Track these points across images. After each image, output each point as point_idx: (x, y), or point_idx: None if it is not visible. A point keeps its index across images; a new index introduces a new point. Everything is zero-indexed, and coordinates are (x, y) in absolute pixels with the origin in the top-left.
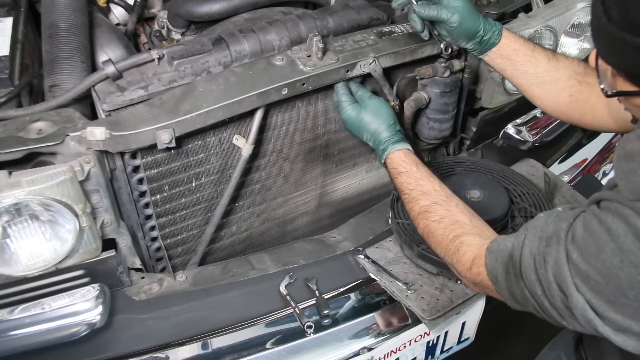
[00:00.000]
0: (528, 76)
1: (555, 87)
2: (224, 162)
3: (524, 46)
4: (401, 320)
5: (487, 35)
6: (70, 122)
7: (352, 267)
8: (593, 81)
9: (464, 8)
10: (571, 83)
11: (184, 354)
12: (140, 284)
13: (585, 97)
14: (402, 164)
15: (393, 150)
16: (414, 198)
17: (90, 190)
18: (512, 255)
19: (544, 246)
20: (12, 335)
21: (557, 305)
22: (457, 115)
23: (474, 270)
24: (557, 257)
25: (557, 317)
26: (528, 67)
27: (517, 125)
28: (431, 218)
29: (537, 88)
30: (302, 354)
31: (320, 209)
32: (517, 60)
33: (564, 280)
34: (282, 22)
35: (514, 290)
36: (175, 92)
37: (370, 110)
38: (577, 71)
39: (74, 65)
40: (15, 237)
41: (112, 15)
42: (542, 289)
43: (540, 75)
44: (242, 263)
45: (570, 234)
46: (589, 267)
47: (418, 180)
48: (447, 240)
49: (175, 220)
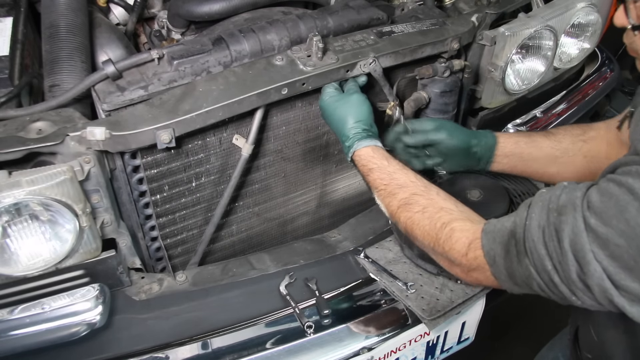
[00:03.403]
0: (539, 161)
1: (567, 157)
2: (224, 162)
3: (520, 137)
4: (401, 320)
5: (482, 141)
6: (70, 122)
7: (352, 267)
8: (595, 134)
9: (446, 124)
10: (579, 146)
11: (184, 354)
12: (140, 284)
13: (597, 151)
14: (371, 160)
15: (359, 147)
16: (390, 192)
17: (90, 190)
18: (514, 232)
19: (556, 216)
20: (12, 335)
21: (571, 277)
22: (457, 115)
23: (470, 255)
24: (574, 225)
25: (566, 293)
26: (535, 153)
27: (517, 125)
28: (413, 209)
29: (553, 166)
30: (302, 354)
31: (320, 209)
32: (522, 152)
33: (582, 248)
34: (282, 22)
35: (514, 271)
36: (175, 92)
37: (347, 102)
38: (576, 133)
39: (74, 65)
40: (15, 237)
41: (112, 15)
42: (552, 263)
43: (549, 154)
44: (242, 263)
45: (586, 201)
46: (609, 229)
47: (391, 174)
48: (436, 228)
49: (175, 220)
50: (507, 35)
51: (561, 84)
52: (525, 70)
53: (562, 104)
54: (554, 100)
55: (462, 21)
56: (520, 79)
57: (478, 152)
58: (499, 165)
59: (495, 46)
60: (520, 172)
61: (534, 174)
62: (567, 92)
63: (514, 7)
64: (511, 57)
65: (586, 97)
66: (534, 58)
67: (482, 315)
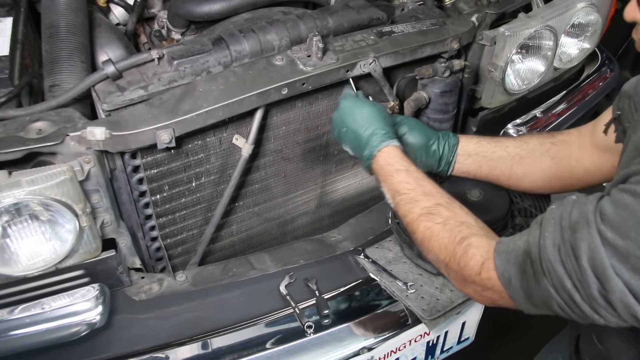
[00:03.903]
0: (504, 160)
1: (534, 157)
2: (224, 162)
3: (483, 138)
4: (401, 320)
5: (442, 139)
6: (70, 122)
7: (352, 267)
8: (566, 138)
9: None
10: (546, 147)
11: (184, 354)
12: (140, 284)
13: (566, 153)
14: (399, 160)
15: (391, 143)
16: (414, 199)
17: (90, 190)
18: (529, 252)
19: (570, 234)
20: (12, 335)
21: (593, 295)
22: (457, 115)
23: (483, 275)
24: (589, 241)
25: (588, 312)
26: (499, 152)
27: (517, 125)
28: (435, 220)
29: (518, 166)
30: (302, 354)
31: (320, 209)
32: (486, 151)
33: (601, 264)
34: (282, 22)
35: (531, 292)
36: (175, 92)
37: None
38: (544, 136)
39: (74, 65)
40: (15, 237)
41: (112, 15)
42: (571, 282)
43: (516, 153)
44: (242, 263)
45: (598, 215)
46: (628, 242)
47: (418, 180)
48: (454, 242)
49: (175, 220)
50: (507, 35)
51: (561, 84)
52: (525, 70)
53: (562, 104)
54: (554, 100)
55: (462, 21)
56: (520, 79)
57: (437, 151)
58: (463, 167)
59: (495, 46)
60: (486, 174)
61: (500, 176)
62: (567, 92)
63: (514, 7)
64: (511, 57)
65: (586, 97)
66: (534, 58)
67: (482, 315)
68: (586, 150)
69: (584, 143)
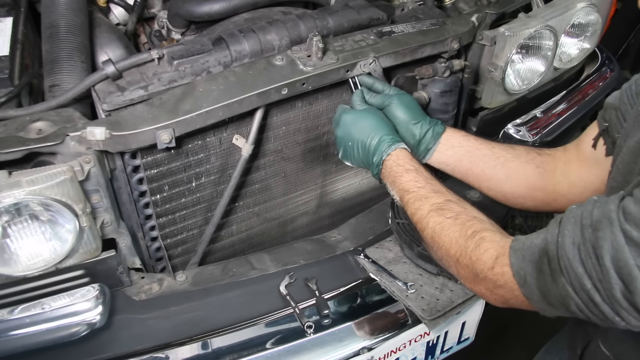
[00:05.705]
0: (488, 159)
1: (519, 162)
2: (224, 162)
3: (472, 135)
4: (401, 320)
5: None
6: (70, 122)
7: (352, 267)
8: (551, 152)
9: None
10: (532, 155)
11: (184, 354)
12: (140, 284)
13: (552, 166)
14: (408, 161)
15: (401, 146)
16: (423, 196)
17: (90, 190)
18: (546, 250)
19: (591, 232)
20: (12, 335)
21: (615, 296)
22: (457, 115)
23: (496, 270)
24: (613, 240)
25: (609, 313)
26: (484, 150)
27: (517, 125)
28: (445, 214)
29: (502, 169)
30: (302, 354)
31: (320, 209)
32: (471, 146)
33: (626, 264)
34: (282, 22)
35: (548, 291)
36: (175, 92)
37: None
38: (531, 148)
39: (74, 65)
40: (15, 237)
41: (112, 15)
42: (591, 282)
43: (501, 155)
44: (242, 263)
45: (621, 214)
46: None
47: (428, 179)
48: (466, 236)
49: (175, 220)
50: (507, 35)
51: (561, 84)
52: (525, 70)
53: (562, 104)
54: (554, 100)
55: (462, 21)
56: (520, 79)
57: (418, 134)
58: (443, 157)
59: (495, 46)
60: (465, 170)
61: (480, 175)
62: (567, 92)
63: (514, 7)
64: (511, 57)
65: (586, 97)
66: (534, 58)
67: (482, 315)
68: (572, 164)
69: (570, 158)
